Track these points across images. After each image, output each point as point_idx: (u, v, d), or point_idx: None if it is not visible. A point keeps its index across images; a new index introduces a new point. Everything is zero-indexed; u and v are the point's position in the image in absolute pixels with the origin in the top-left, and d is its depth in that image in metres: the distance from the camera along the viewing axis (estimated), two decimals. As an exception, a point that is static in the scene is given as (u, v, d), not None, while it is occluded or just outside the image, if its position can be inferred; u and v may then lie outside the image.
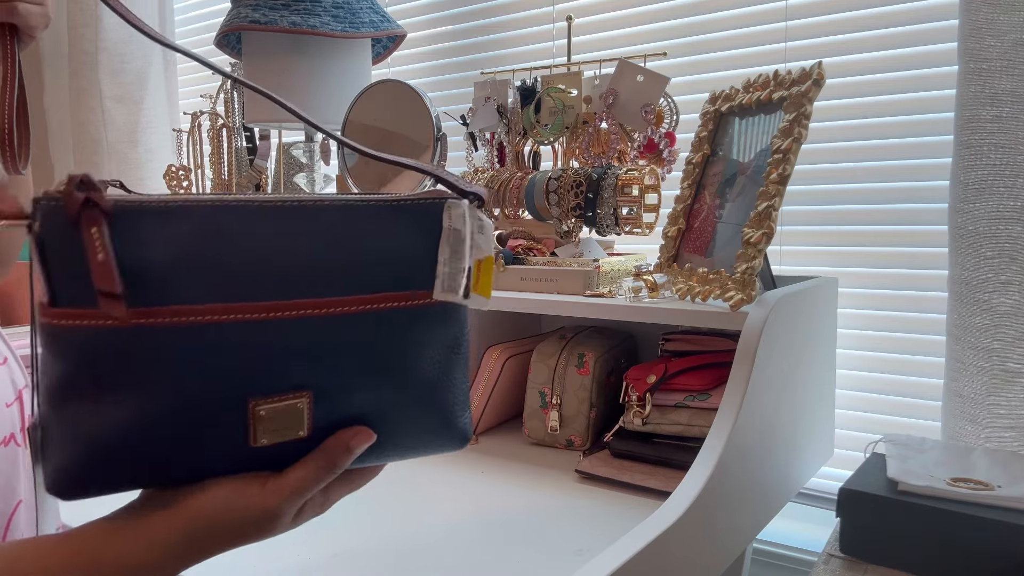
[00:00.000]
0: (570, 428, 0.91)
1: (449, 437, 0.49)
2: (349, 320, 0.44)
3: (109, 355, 0.40)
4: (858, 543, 0.69)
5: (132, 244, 0.40)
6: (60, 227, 0.39)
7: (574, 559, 0.61)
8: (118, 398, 0.41)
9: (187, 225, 0.41)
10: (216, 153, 1.38)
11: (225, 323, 0.41)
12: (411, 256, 0.46)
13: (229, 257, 0.42)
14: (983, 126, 0.84)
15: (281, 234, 0.43)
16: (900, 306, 1.08)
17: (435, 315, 0.46)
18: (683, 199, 0.93)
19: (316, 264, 0.43)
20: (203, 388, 0.41)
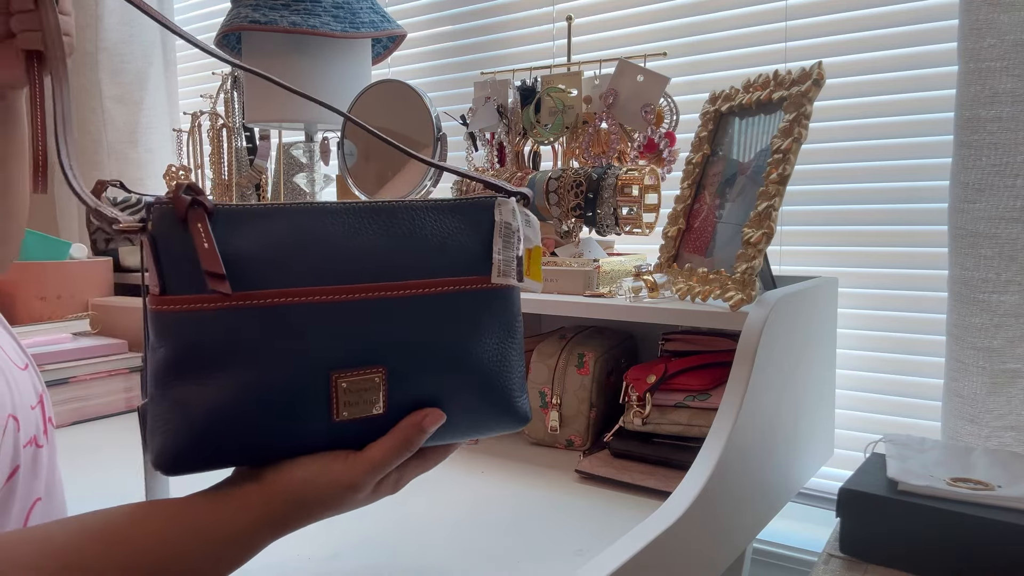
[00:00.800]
0: (570, 428, 0.91)
1: (510, 417, 0.54)
2: (416, 301, 0.50)
3: (212, 336, 0.46)
4: (858, 543, 0.69)
5: (231, 238, 0.46)
6: (170, 226, 0.45)
7: (574, 559, 0.61)
8: (220, 376, 0.46)
9: (278, 224, 0.48)
10: (216, 153, 1.39)
11: (312, 303, 0.47)
12: (469, 247, 0.52)
13: (314, 252, 0.48)
14: (983, 126, 0.84)
15: (359, 231, 0.50)
16: (900, 306, 1.08)
17: (491, 299, 0.53)
18: (683, 199, 0.93)
19: (389, 255, 0.50)
20: (293, 363, 0.47)
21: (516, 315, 0.55)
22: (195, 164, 1.42)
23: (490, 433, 0.55)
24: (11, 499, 0.53)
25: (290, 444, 0.48)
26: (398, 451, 0.49)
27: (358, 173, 1.17)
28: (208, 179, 1.43)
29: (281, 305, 0.47)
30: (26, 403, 0.55)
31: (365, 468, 0.48)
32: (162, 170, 1.47)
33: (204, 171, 1.43)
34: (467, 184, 1.12)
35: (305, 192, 1.36)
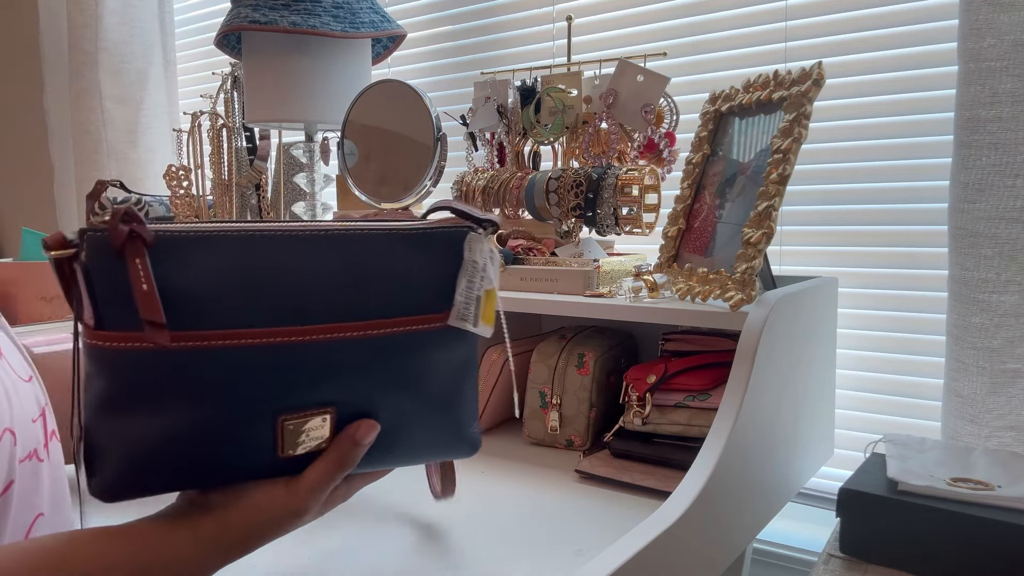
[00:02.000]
0: (570, 428, 0.91)
1: (460, 446, 0.54)
2: (368, 343, 0.47)
3: (150, 375, 0.43)
4: (858, 543, 0.69)
5: (173, 272, 0.43)
6: (106, 257, 0.42)
7: (574, 559, 0.61)
8: (157, 414, 0.44)
9: (223, 253, 0.45)
10: (216, 153, 1.38)
11: (257, 346, 0.44)
12: (428, 283, 0.50)
13: (261, 285, 0.45)
14: (983, 126, 0.84)
15: (311, 263, 0.46)
16: (900, 306, 1.08)
17: (449, 337, 0.50)
18: (683, 199, 0.93)
19: (342, 290, 0.47)
20: (236, 406, 0.45)
21: (472, 348, 0.53)
22: (195, 164, 1.42)
23: (437, 459, 0.55)
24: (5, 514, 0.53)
25: (235, 475, 0.48)
26: (336, 469, 0.49)
27: (358, 173, 1.17)
28: (208, 179, 1.43)
29: (224, 348, 0.44)
30: (26, 416, 0.55)
31: (306, 492, 0.48)
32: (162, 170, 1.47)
33: (204, 171, 1.43)
34: (466, 185, 1.12)
35: (305, 192, 1.36)
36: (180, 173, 1.41)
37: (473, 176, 1.13)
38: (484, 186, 1.10)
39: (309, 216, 1.35)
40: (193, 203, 1.42)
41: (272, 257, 0.45)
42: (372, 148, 1.16)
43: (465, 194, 1.12)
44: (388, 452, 0.51)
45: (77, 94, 1.90)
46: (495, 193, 1.09)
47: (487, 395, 0.95)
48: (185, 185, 1.41)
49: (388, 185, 1.15)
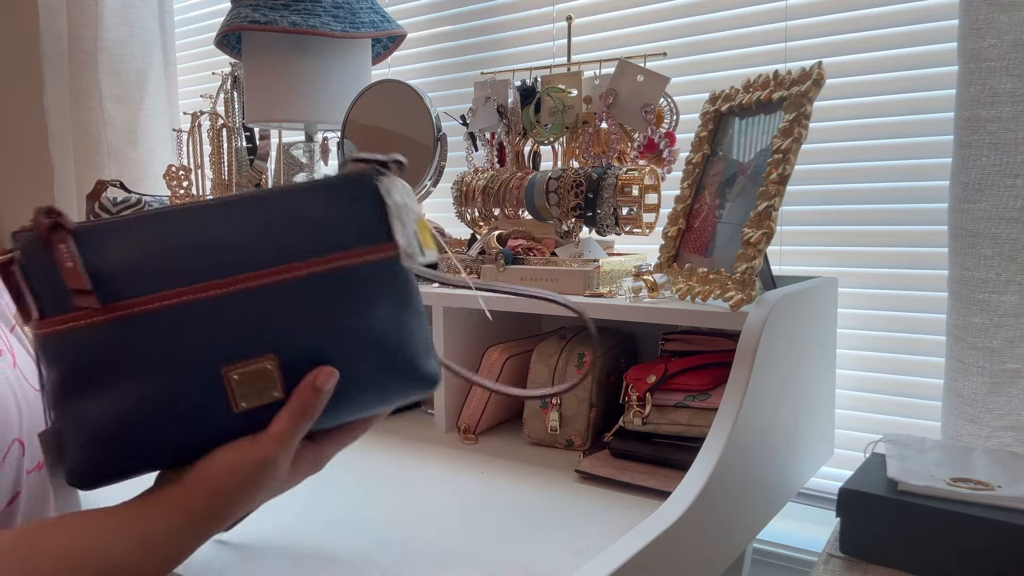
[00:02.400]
0: (570, 428, 0.91)
1: (418, 381, 0.53)
2: (294, 285, 0.49)
3: (93, 351, 0.46)
4: (858, 543, 0.69)
5: (98, 254, 0.47)
6: (36, 251, 0.46)
7: (574, 559, 0.61)
8: (112, 388, 0.47)
9: (142, 232, 0.48)
10: (216, 153, 1.38)
11: (188, 303, 0.47)
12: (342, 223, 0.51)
13: (179, 252, 0.48)
14: (983, 126, 0.84)
15: (230, 223, 0.49)
16: (900, 306, 1.08)
17: (372, 271, 0.51)
18: (683, 199, 0.93)
19: (262, 242, 0.49)
20: (178, 366, 0.47)
21: (405, 281, 0.53)
22: (195, 164, 1.42)
23: (402, 400, 0.54)
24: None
25: (198, 441, 0.49)
26: (300, 417, 0.49)
27: (358, 173, 1.17)
28: (208, 179, 1.43)
29: (154, 311, 0.47)
30: (37, 427, 0.55)
31: (273, 441, 0.48)
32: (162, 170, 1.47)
33: (204, 171, 1.43)
34: (466, 185, 1.12)
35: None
36: (180, 173, 1.41)
37: (473, 176, 1.13)
38: (484, 186, 1.10)
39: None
40: (193, 203, 1.42)
41: (189, 227, 0.49)
42: (372, 148, 1.16)
43: (465, 194, 1.12)
44: (345, 397, 0.51)
45: (77, 94, 1.90)
46: (495, 193, 1.09)
47: (487, 395, 0.95)
48: (185, 185, 1.41)
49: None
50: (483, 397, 0.95)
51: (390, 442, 0.94)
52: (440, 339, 0.97)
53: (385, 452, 0.91)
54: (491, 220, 1.13)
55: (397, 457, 0.89)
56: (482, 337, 1.02)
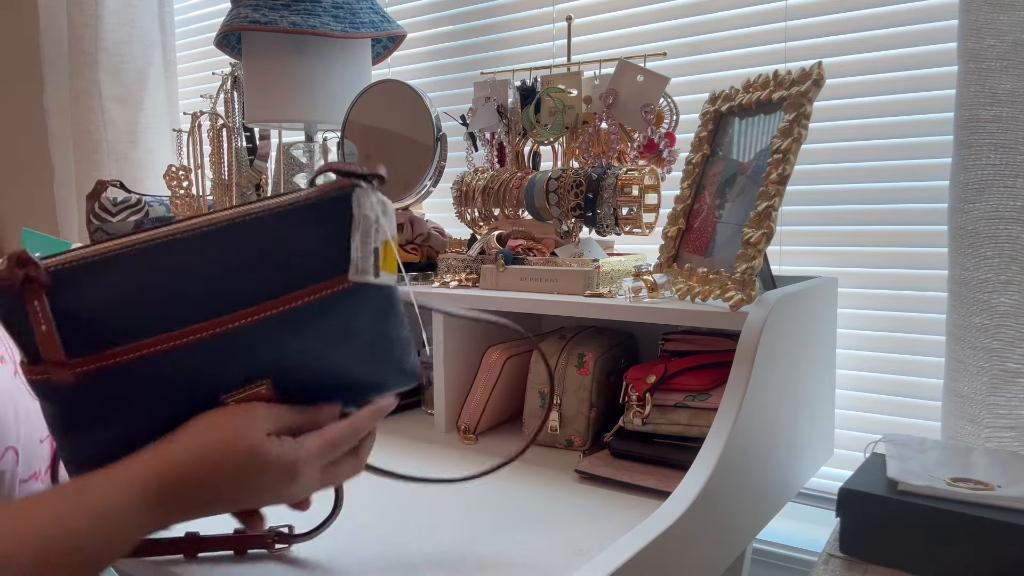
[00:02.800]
0: (570, 428, 0.91)
1: (402, 379, 0.57)
2: (274, 321, 0.50)
3: (86, 398, 0.47)
4: (858, 543, 0.69)
5: (74, 298, 0.46)
6: (13, 303, 0.45)
7: (574, 559, 0.61)
8: (109, 427, 0.48)
9: (117, 273, 0.47)
10: (216, 153, 1.38)
11: (174, 349, 0.47)
12: (321, 250, 0.51)
13: (157, 294, 0.48)
14: (983, 126, 0.84)
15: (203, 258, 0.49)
16: (900, 306, 1.08)
17: (354, 295, 0.51)
18: (683, 199, 0.93)
19: (239, 278, 0.49)
20: (175, 400, 0.48)
21: (387, 296, 0.54)
22: (195, 164, 1.42)
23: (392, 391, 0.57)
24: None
25: None
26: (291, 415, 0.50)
27: (358, 173, 1.17)
28: (208, 179, 1.43)
29: (147, 356, 0.47)
30: (34, 436, 0.54)
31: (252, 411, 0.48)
32: (162, 170, 1.47)
33: (204, 171, 1.43)
34: (466, 185, 1.13)
35: (305, 192, 1.35)
36: (180, 173, 1.41)
37: (473, 176, 1.13)
38: (484, 186, 1.10)
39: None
40: (193, 203, 1.42)
41: (166, 265, 0.48)
42: (372, 148, 1.16)
43: (465, 194, 1.12)
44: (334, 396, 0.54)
45: (77, 94, 1.90)
46: (495, 193, 1.09)
47: (487, 395, 0.95)
48: (185, 185, 1.41)
49: (388, 185, 1.14)
50: (483, 397, 0.95)
51: (390, 442, 0.94)
52: (440, 339, 0.97)
53: (385, 452, 0.91)
54: (491, 220, 1.13)
55: (397, 457, 0.89)
56: (482, 337, 1.02)
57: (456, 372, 0.99)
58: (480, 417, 0.96)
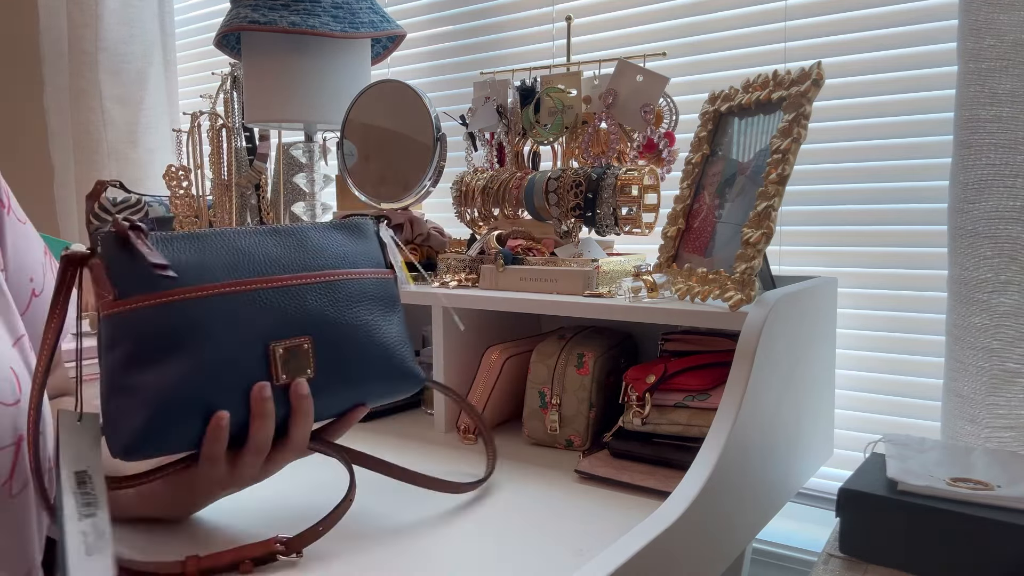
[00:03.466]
0: (570, 428, 0.91)
1: (411, 379, 0.68)
2: (330, 285, 0.64)
3: (162, 326, 0.55)
4: (858, 543, 0.69)
5: (166, 252, 0.57)
6: (116, 246, 0.56)
7: (574, 559, 0.61)
8: (170, 359, 0.55)
9: (200, 241, 0.60)
10: (216, 153, 1.38)
11: (240, 292, 0.59)
12: (356, 250, 0.68)
13: (233, 255, 0.60)
14: (983, 126, 0.84)
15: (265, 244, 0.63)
16: (900, 306, 1.08)
17: (385, 287, 0.68)
18: (682, 199, 0.93)
19: (297, 257, 0.63)
20: (233, 341, 0.58)
21: (397, 297, 0.69)
22: (195, 164, 1.42)
23: (395, 396, 0.68)
24: None
25: (240, 415, 0.58)
26: None
27: (358, 173, 1.17)
28: (208, 179, 1.43)
29: (217, 295, 0.58)
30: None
31: None
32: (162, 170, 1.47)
33: (204, 171, 1.43)
34: (466, 185, 1.12)
35: (305, 192, 1.36)
36: (180, 173, 1.41)
37: (473, 176, 1.13)
38: (484, 186, 1.10)
39: (308, 216, 1.35)
40: (193, 203, 1.42)
41: (238, 242, 0.61)
42: (372, 148, 1.16)
43: (465, 194, 1.12)
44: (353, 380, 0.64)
45: (77, 94, 1.90)
46: (495, 193, 1.09)
47: (487, 395, 0.95)
48: (185, 185, 1.41)
49: (388, 185, 1.15)
50: (483, 397, 0.95)
51: (390, 442, 0.94)
52: (440, 339, 0.97)
53: (385, 452, 0.90)
54: (491, 220, 1.13)
55: (397, 457, 0.88)
56: (482, 337, 1.02)
57: (456, 372, 0.99)
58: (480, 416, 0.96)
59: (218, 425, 0.56)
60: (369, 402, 0.67)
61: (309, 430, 0.62)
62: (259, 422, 0.58)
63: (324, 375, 0.62)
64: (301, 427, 0.61)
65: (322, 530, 0.62)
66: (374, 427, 1.00)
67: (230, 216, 1.40)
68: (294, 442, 0.62)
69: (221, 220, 1.40)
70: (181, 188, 1.41)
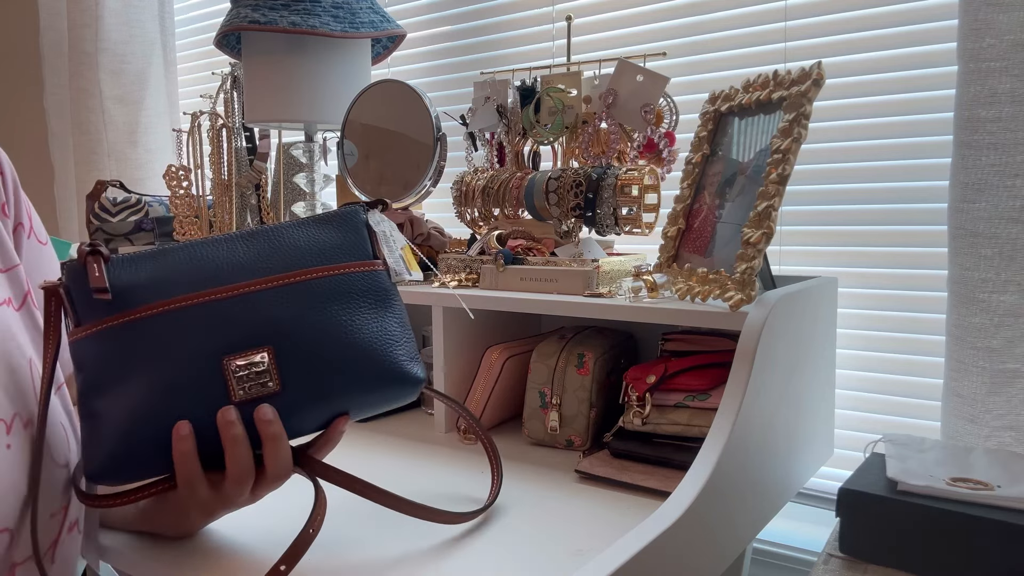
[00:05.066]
0: (570, 428, 0.91)
1: (402, 382, 0.60)
2: (288, 289, 0.58)
3: (112, 350, 0.55)
4: (858, 543, 0.69)
5: (122, 274, 0.57)
6: (77, 272, 0.56)
7: (574, 559, 0.61)
8: (128, 383, 0.54)
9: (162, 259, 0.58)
10: (216, 153, 1.38)
11: (189, 306, 0.56)
12: (334, 243, 0.61)
13: (194, 270, 0.58)
14: (983, 126, 0.84)
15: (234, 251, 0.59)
16: (900, 306, 1.08)
17: (357, 279, 0.61)
18: (683, 199, 0.93)
19: (264, 261, 0.59)
20: (184, 356, 0.55)
21: (387, 291, 0.62)
22: (195, 164, 1.42)
23: (390, 402, 0.61)
24: None
25: (207, 432, 0.55)
26: None
27: (358, 173, 1.17)
28: (208, 179, 1.43)
29: (167, 312, 0.56)
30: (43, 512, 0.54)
31: None
32: (162, 170, 1.47)
33: (204, 171, 1.43)
34: (466, 185, 1.13)
35: (305, 192, 1.36)
36: (180, 173, 1.41)
37: (473, 176, 1.13)
38: (484, 186, 1.10)
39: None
40: (193, 203, 1.42)
41: (201, 253, 0.59)
42: (372, 148, 1.16)
43: (465, 194, 1.12)
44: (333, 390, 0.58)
45: (77, 94, 1.90)
46: (495, 193, 1.09)
47: (487, 395, 0.95)
48: (185, 185, 1.41)
49: (388, 185, 1.15)
50: (483, 397, 0.95)
51: (390, 442, 0.94)
52: (439, 339, 0.97)
53: (385, 452, 0.91)
54: (491, 220, 1.13)
55: (397, 457, 0.89)
56: (482, 337, 1.02)
57: (456, 372, 0.99)
58: (480, 417, 0.96)
59: (181, 449, 0.54)
60: (355, 411, 0.60)
61: (286, 456, 0.57)
62: (231, 449, 0.55)
63: (293, 388, 0.56)
64: (273, 455, 0.56)
65: (284, 569, 0.55)
66: (373, 427, 1.01)
67: (230, 216, 1.40)
68: (271, 472, 0.57)
69: (221, 220, 1.40)
70: (181, 188, 1.41)
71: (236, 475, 0.56)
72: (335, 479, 0.61)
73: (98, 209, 1.49)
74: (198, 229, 1.41)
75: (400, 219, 1.15)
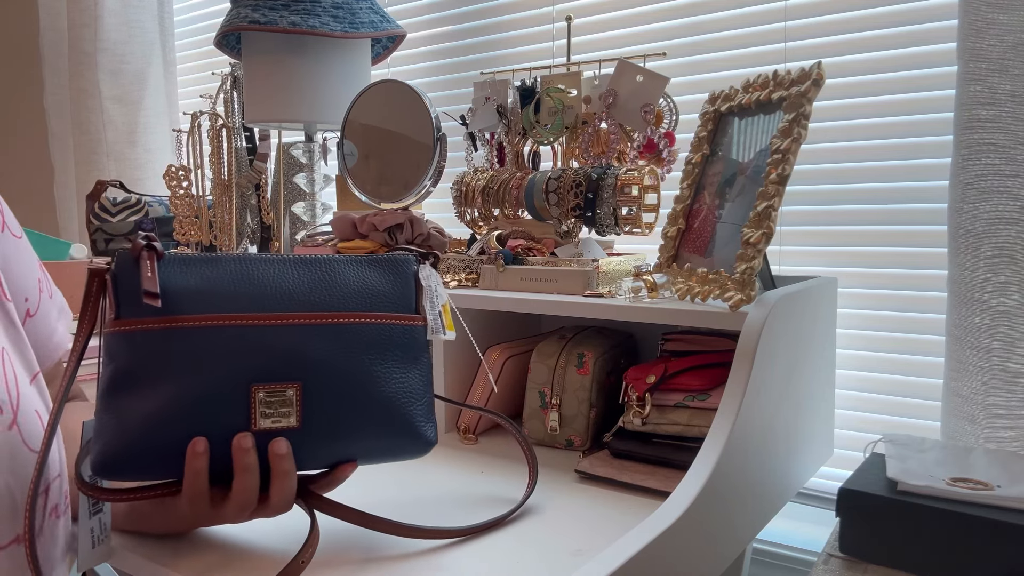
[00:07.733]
0: (570, 428, 0.91)
1: (415, 441, 0.61)
2: (331, 329, 0.58)
3: (151, 352, 0.55)
4: (858, 543, 0.69)
5: (175, 276, 0.56)
6: (128, 264, 0.55)
7: (574, 559, 0.61)
8: (151, 388, 0.54)
9: (216, 268, 0.58)
10: (216, 153, 1.38)
11: (236, 326, 0.56)
12: (380, 291, 0.62)
13: (244, 287, 0.57)
14: (983, 126, 0.84)
15: (284, 275, 0.59)
16: (900, 306, 1.08)
17: (397, 333, 0.61)
18: (682, 199, 0.93)
19: (310, 294, 0.59)
20: (216, 375, 0.55)
21: (420, 347, 0.63)
22: (195, 164, 1.42)
23: (397, 457, 0.62)
24: None
25: (220, 450, 0.55)
26: None
27: (358, 173, 1.17)
28: (208, 179, 1.43)
29: (208, 327, 0.55)
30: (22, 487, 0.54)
31: None
32: (162, 170, 1.47)
33: (204, 171, 1.43)
34: (466, 185, 1.13)
35: (305, 192, 1.36)
36: (180, 173, 1.41)
37: (473, 176, 1.13)
38: (484, 186, 1.10)
39: (308, 216, 1.35)
40: (193, 203, 1.42)
41: (253, 271, 0.58)
42: (372, 148, 1.16)
43: (465, 194, 1.12)
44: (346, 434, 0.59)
45: (77, 94, 1.90)
46: (495, 193, 1.09)
47: (487, 395, 0.95)
48: (185, 185, 1.41)
49: (388, 185, 1.15)
50: (483, 397, 0.95)
51: (390, 442, 0.94)
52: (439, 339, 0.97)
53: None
54: (491, 220, 1.13)
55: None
56: (482, 337, 1.02)
57: (456, 372, 0.99)
58: (480, 417, 0.96)
59: (194, 466, 0.54)
60: (364, 460, 0.61)
61: (291, 491, 0.58)
62: (241, 475, 0.55)
63: (311, 426, 0.57)
64: (280, 489, 0.57)
65: None
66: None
67: (230, 216, 1.40)
68: (274, 503, 0.57)
69: (221, 220, 1.40)
70: (181, 188, 1.41)
71: (240, 502, 0.56)
72: (334, 513, 0.62)
73: (98, 209, 1.49)
74: (198, 229, 1.42)
75: (400, 219, 1.15)
